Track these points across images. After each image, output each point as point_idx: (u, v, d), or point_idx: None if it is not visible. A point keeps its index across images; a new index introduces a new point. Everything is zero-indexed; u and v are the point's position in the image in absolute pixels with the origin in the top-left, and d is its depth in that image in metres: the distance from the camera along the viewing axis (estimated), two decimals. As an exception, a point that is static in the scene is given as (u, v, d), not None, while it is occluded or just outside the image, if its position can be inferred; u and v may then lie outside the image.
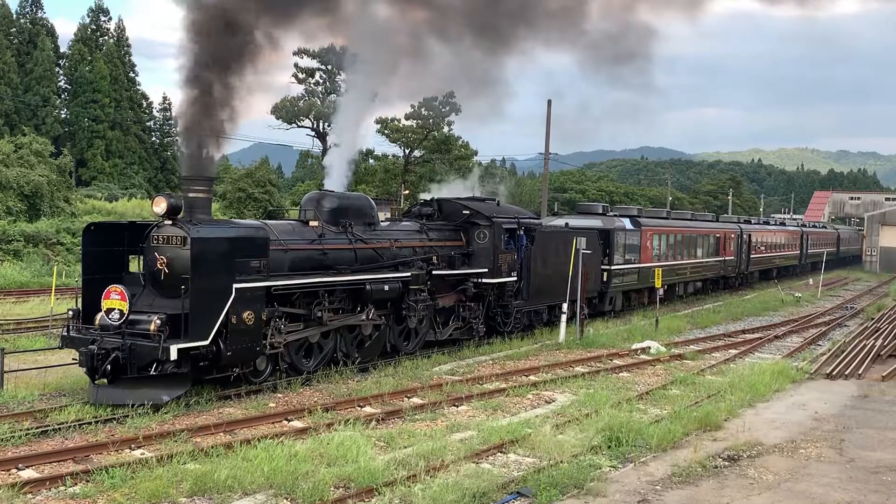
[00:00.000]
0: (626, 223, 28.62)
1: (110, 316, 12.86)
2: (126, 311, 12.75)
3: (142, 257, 13.97)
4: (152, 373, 12.38)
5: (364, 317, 16.04)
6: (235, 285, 12.95)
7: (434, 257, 18.48)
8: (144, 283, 13.66)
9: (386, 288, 16.33)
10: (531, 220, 22.09)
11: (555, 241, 22.46)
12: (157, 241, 13.47)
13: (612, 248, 26.57)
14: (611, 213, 29.43)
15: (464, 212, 20.04)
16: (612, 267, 26.57)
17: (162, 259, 13.31)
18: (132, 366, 12.35)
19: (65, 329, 13.41)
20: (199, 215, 13.70)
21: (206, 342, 12.59)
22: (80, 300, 13.67)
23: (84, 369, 12.74)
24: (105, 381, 12.61)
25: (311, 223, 15.97)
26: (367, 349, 16.66)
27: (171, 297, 12.92)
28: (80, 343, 12.80)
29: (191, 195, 13.79)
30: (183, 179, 14.35)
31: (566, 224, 26.31)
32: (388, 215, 21.11)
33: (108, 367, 12.27)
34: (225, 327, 12.88)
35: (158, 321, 12.37)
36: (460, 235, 19.81)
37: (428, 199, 21.52)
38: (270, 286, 13.87)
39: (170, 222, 13.36)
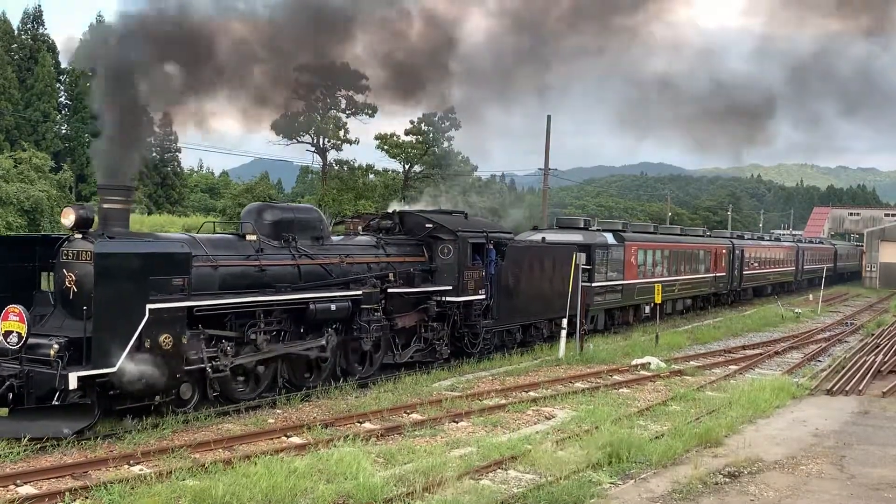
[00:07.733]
0: (609, 238, 27.48)
1: (8, 340, 11.51)
2: (24, 335, 11.41)
3: (52, 274, 12.80)
4: (55, 403, 11.13)
5: (299, 349, 14.85)
6: (149, 306, 11.69)
7: (391, 274, 17.23)
8: (55, 302, 12.45)
9: (333, 308, 15.09)
10: (502, 235, 20.86)
11: (529, 257, 21.29)
12: (67, 257, 12.32)
13: (593, 265, 25.30)
14: (593, 228, 28.25)
15: (427, 225, 18.74)
16: (594, 284, 25.22)
17: (70, 276, 12.17)
18: (30, 395, 11.18)
19: None
20: (115, 228, 12.50)
21: (113, 369, 11.31)
22: None
23: None
24: (6, 410, 11.50)
25: (249, 237, 14.66)
26: (313, 374, 15.59)
27: (81, 319, 11.54)
28: None
29: (105, 206, 12.60)
30: (98, 188, 13.05)
31: (543, 238, 25.16)
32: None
33: (10, 395, 11.18)
34: (137, 352, 11.67)
35: (57, 346, 11.14)
36: (423, 251, 18.56)
37: (389, 211, 20.16)
38: (192, 307, 12.63)
39: (80, 236, 12.26)
